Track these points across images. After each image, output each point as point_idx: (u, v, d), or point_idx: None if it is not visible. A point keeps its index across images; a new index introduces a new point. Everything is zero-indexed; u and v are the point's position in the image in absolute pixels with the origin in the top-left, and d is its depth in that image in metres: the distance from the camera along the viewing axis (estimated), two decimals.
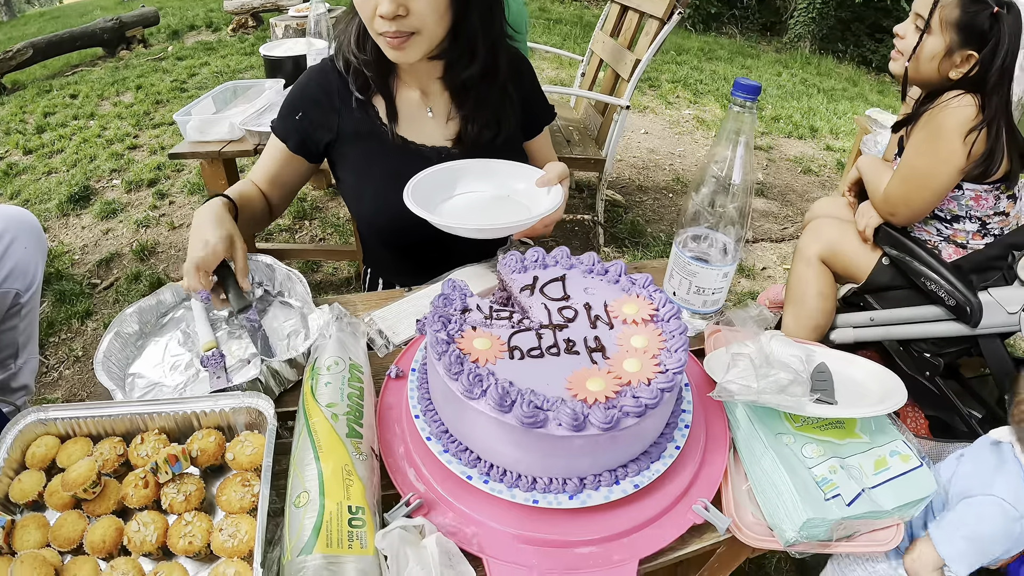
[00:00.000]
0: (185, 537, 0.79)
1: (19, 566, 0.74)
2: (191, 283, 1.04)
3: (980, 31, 1.60)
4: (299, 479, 0.75)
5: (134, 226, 3.45)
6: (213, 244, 1.05)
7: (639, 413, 0.72)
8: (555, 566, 0.76)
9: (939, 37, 1.65)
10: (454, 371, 0.75)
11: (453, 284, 0.91)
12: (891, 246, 1.87)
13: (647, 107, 5.72)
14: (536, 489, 0.77)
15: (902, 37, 1.76)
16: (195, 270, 1.03)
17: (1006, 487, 1.15)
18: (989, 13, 1.58)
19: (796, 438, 0.90)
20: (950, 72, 1.68)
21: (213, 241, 1.05)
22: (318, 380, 0.87)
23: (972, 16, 1.60)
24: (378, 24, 1.12)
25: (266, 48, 2.60)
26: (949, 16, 1.62)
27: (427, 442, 0.82)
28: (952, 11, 1.62)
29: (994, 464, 1.20)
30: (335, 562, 0.67)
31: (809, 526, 0.80)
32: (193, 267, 1.03)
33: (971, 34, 1.61)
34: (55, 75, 6.42)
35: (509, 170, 1.28)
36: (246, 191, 1.31)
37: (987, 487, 1.16)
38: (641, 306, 0.89)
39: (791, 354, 0.96)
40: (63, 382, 2.49)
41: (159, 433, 0.91)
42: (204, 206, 1.13)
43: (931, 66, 1.70)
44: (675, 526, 0.82)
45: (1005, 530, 1.10)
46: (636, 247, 3.41)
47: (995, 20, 1.58)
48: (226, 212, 1.13)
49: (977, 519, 1.13)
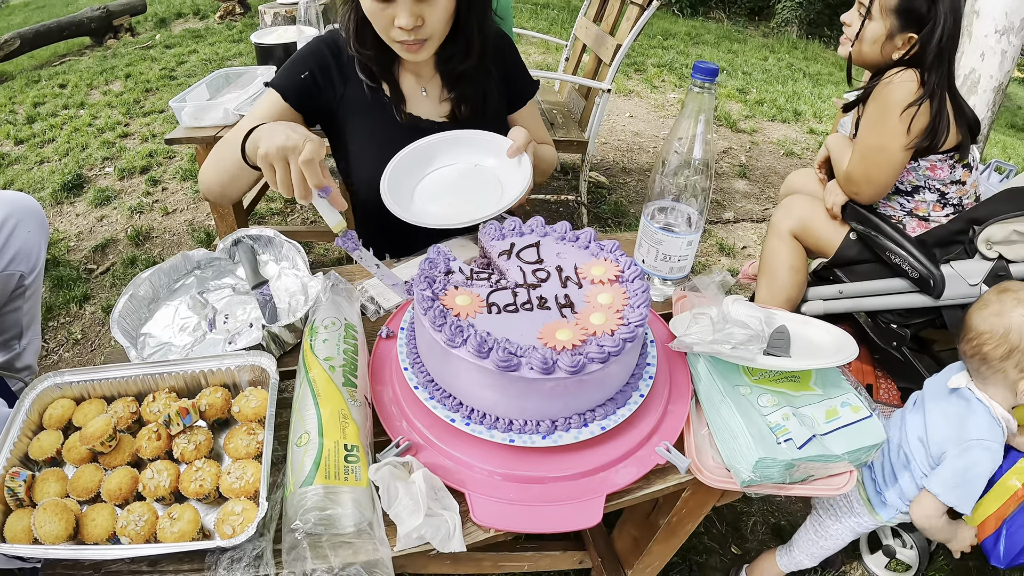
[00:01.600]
0: (196, 481, 0.87)
1: (41, 513, 0.82)
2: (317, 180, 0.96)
3: (918, 15, 1.70)
4: (300, 422, 0.84)
5: (128, 212, 3.49)
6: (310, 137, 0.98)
7: (603, 359, 0.81)
8: (530, 499, 0.85)
9: (880, 22, 1.76)
10: (438, 323, 0.84)
11: (438, 250, 1.00)
12: (857, 222, 1.96)
13: (633, 91, 5.77)
14: (512, 430, 0.86)
15: (848, 25, 1.86)
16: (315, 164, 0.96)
17: (978, 427, 1.33)
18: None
19: (752, 389, 0.98)
20: (892, 54, 1.79)
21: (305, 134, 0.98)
22: (316, 337, 0.96)
23: (908, 1, 1.70)
24: (396, 34, 1.21)
25: (257, 36, 2.66)
26: (888, 3, 1.73)
27: (415, 391, 0.91)
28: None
29: (961, 411, 1.36)
30: (333, 492, 0.76)
31: (762, 466, 0.88)
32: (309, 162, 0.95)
33: (910, 18, 1.72)
34: (43, 65, 6.40)
35: (479, 140, 1.38)
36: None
37: (965, 434, 1.31)
38: (608, 268, 0.98)
39: (750, 315, 1.05)
40: (63, 364, 2.54)
41: (169, 392, 0.98)
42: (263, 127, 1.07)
43: (874, 49, 1.80)
44: (639, 466, 0.91)
45: (992, 461, 1.33)
46: (619, 227, 3.49)
47: (932, 3, 1.68)
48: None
49: (968, 466, 1.32)
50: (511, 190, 1.30)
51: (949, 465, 1.34)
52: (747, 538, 1.96)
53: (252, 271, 1.23)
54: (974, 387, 1.38)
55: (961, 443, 1.33)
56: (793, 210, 2.10)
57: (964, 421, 1.36)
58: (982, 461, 1.31)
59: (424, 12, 1.19)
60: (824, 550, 1.63)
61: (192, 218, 3.42)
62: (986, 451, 1.31)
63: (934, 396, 1.45)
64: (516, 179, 1.31)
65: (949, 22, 1.68)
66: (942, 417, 1.40)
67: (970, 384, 1.39)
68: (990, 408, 1.34)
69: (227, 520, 0.81)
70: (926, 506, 1.37)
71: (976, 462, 1.31)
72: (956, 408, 1.39)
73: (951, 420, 1.38)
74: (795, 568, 1.69)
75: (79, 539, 0.83)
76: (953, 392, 1.41)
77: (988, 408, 1.34)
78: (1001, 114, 8.83)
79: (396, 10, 1.18)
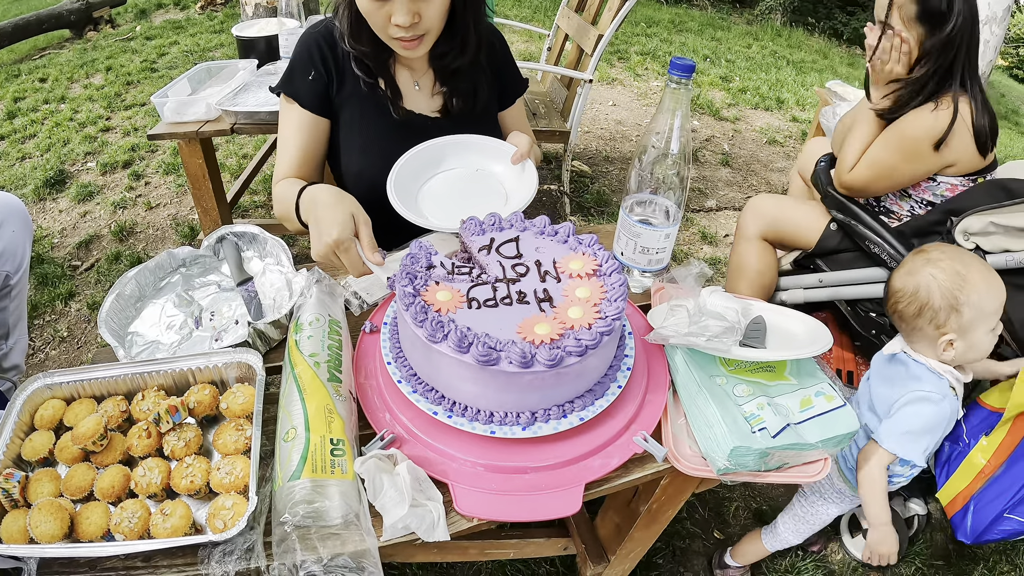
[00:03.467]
0: (187, 478, 0.89)
1: (36, 513, 0.84)
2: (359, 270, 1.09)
3: (940, 12, 1.67)
4: (287, 418, 0.86)
5: (111, 208, 3.47)
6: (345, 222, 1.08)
7: (580, 352, 0.84)
8: (511, 489, 0.88)
9: (910, 34, 1.72)
10: (419, 319, 0.87)
11: (420, 244, 1.02)
12: (838, 210, 1.99)
13: (616, 79, 5.79)
14: (493, 422, 0.89)
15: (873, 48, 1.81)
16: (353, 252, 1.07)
17: (919, 383, 1.35)
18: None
19: (728, 379, 1.01)
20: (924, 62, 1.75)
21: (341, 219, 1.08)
22: (301, 334, 0.98)
23: (926, 2, 1.68)
24: (393, 31, 1.24)
25: (238, 28, 2.65)
26: (909, 12, 1.71)
27: (398, 384, 0.93)
28: (909, 7, 1.70)
29: (900, 373, 1.40)
30: (320, 485, 0.78)
31: (736, 455, 0.91)
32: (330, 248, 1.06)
33: (932, 20, 1.69)
34: (23, 59, 6.32)
35: (484, 145, 1.42)
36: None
37: (906, 390, 1.35)
38: (586, 262, 1.01)
39: (727, 307, 1.08)
40: (49, 363, 2.55)
41: (158, 390, 1.01)
42: (317, 194, 1.16)
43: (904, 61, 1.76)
44: (618, 455, 0.94)
45: (937, 413, 1.34)
46: (602, 216, 3.51)
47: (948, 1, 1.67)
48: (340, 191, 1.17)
49: (912, 416, 1.35)
50: (516, 197, 1.34)
51: (894, 417, 1.37)
52: (729, 523, 2.00)
53: (237, 268, 1.25)
54: (908, 349, 1.42)
55: (903, 397, 1.37)
56: (761, 212, 2.14)
57: (905, 381, 1.39)
58: (923, 412, 1.34)
59: (420, 8, 1.21)
60: (811, 527, 1.66)
61: (176, 212, 3.41)
62: (926, 402, 1.34)
63: (878, 366, 1.50)
64: (522, 186, 1.35)
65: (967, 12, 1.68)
66: (885, 383, 1.44)
67: (904, 347, 1.43)
68: (926, 364, 1.37)
69: (218, 515, 0.83)
70: (868, 454, 1.40)
71: (917, 413, 1.34)
72: (896, 371, 1.43)
73: (894, 383, 1.42)
74: (782, 546, 1.74)
75: (74, 537, 0.85)
76: (893, 358, 1.45)
77: (925, 365, 1.37)
78: None
79: (393, 8, 1.19)
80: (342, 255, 1.06)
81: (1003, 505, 1.49)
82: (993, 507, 1.51)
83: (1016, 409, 1.49)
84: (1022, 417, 1.50)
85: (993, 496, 1.52)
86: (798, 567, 1.85)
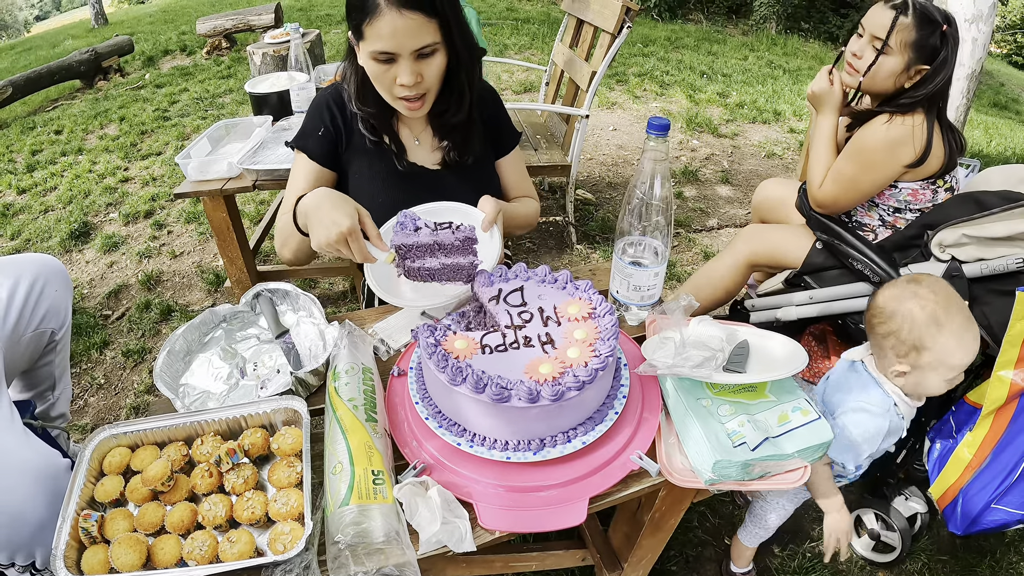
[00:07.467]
0: (248, 509, 1.03)
1: (117, 546, 0.98)
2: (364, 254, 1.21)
3: (933, 48, 1.84)
4: (333, 454, 1.01)
5: (137, 257, 3.60)
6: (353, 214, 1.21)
7: (578, 387, 0.99)
8: (526, 505, 1.03)
9: (898, 56, 1.88)
10: (441, 366, 1.02)
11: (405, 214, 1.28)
12: (821, 231, 2.13)
13: (615, 103, 5.89)
14: (508, 449, 1.04)
15: (859, 57, 1.96)
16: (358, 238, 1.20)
17: (865, 395, 1.44)
18: (939, 31, 1.83)
19: (713, 401, 1.14)
20: (904, 83, 1.91)
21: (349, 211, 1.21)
22: (339, 381, 1.13)
23: (926, 36, 1.84)
24: (398, 90, 1.40)
25: (250, 85, 2.81)
26: (908, 38, 1.85)
27: (425, 421, 1.09)
28: (909, 33, 1.85)
29: (852, 382, 1.49)
30: (365, 509, 0.93)
31: (720, 467, 1.04)
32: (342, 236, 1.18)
33: (924, 52, 1.85)
34: (36, 111, 6.50)
35: (458, 210, 1.46)
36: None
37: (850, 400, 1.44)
38: (582, 306, 1.16)
39: (712, 335, 1.21)
40: (89, 408, 2.68)
41: (214, 435, 1.15)
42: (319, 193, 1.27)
43: (888, 81, 1.92)
44: (617, 472, 1.08)
45: (875, 426, 1.41)
46: (607, 243, 3.60)
47: (944, 37, 1.83)
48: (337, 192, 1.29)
49: (850, 425, 1.43)
50: (485, 262, 1.35)
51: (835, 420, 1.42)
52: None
53: (274, 321, 1.40)
54: (868, 360, 1.49)
55: (846, 404, 1.43)
56: (755, 240, 2.30)
57: (855, 390, 1.46)
58: (861, 423, 1.39)
59: (422, 69, 1.37)
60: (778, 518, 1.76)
61: (200, 260, 3.55)
62: (865, 414, 1.39)
63: (839, 370, 1.56)
64: (487, 253, 1.35)
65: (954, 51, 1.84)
66: (840, 389, 1.51)
67: (865, 357, 1.50)
68: (877, 379, 1.44)
69: (278, 539, 0.97)
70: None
71: (856, 423, 1.40)
72: (851, 379, 1.50)
73: (846, 390, 1.48)
74: (757, 541, 1.85)
75: (151, 566, 0.98)
76: (852, 365, 1.52)
77: (876, 379, 1.44)
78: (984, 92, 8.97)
79: (398, 70, 1.36)
80: (352, 243, 1.19)
81: (989, 496, 1.60)
82: (980, 498, 1.62)
83: (993, 404, 1.59)
84: (1001, 412, 1.61)
85: (979, 487, 1.63)
86: (806, 567, 1.96)
